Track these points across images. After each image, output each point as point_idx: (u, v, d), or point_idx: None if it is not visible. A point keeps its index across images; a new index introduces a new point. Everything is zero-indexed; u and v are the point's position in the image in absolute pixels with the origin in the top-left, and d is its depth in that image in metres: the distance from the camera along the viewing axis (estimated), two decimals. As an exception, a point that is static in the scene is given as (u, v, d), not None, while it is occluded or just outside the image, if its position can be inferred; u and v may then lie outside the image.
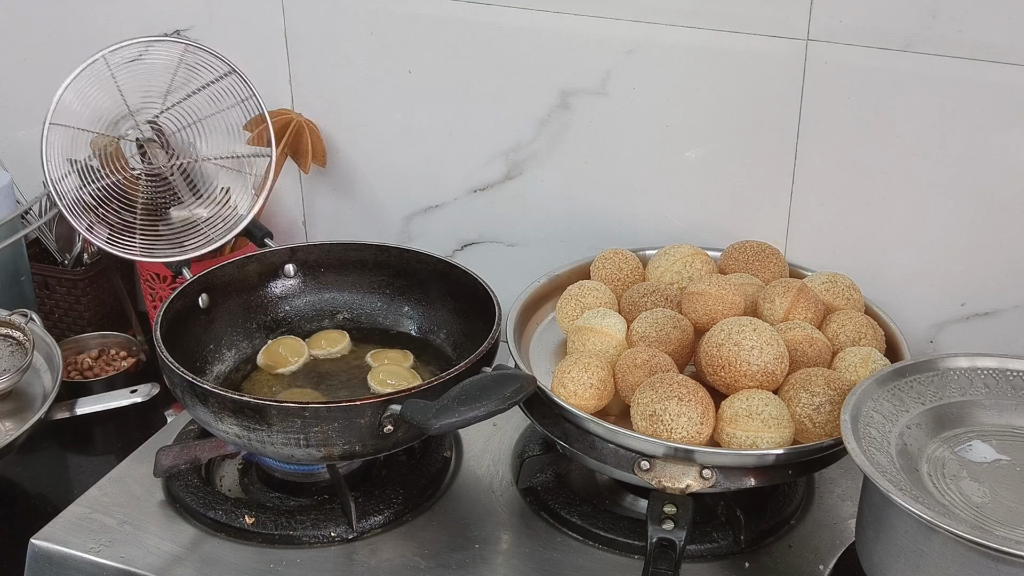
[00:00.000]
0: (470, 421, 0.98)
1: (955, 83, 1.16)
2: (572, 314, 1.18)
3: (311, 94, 1.48)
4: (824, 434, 1.02)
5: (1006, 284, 1.23)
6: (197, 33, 1.50)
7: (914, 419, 0.97)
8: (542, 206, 1.41)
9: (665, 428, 1.00)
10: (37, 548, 1.09)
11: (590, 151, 1.36)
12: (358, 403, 1.03)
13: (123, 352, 1.44)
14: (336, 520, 1.10)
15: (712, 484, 0.99)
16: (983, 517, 0.87)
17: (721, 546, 1.08)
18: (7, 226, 1.41)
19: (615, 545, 1.08)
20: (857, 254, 1.28)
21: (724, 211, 1.33)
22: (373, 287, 1.32)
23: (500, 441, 1.24)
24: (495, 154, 1.40)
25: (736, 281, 1.18)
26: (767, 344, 1.04)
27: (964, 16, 1.13)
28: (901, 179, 1.23)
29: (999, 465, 0.93)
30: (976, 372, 1.01)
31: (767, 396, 1.02)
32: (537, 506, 1.14)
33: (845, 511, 1.14)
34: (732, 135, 1.28)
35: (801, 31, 1.20)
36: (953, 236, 1.23)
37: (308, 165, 1.46)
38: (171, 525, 1.12)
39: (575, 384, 1.05)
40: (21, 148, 1.68)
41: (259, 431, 1.03)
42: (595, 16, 1.28)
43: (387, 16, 1.39)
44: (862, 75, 1.20)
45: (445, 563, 1.07)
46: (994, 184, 1.19)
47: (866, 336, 1.12)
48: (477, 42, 1.35)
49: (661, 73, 1.28)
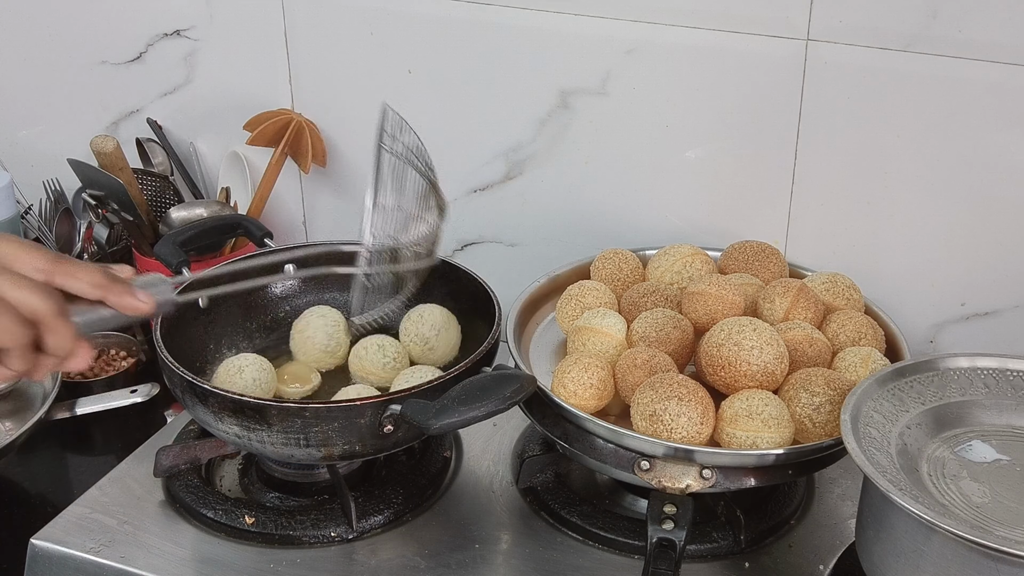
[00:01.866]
0: (470, 421, 0.98)
1: (955, 83, 1.16)
2: (572, 314, 1.18)
3: (311, 94, 1.48)
4: (824, 434, 1.02)
5: (1006, 284, 1.23)
6: (197, 33, 1.50)
7: (914, 419, 0.97)
8: (542, 206, 1.41)
9: (665, 428, 1.00)
10: (37, 548, 1.09)
11: (590, 151, 1.36)
12: (358, 403, 1.03)
13: (123, 352, 1.44)
14: (336, 520, 1.10)
15: (712, 484, 0.99)
16: (983, 517, 0.87)
17: (721, 546, 1.08)
18: (7, 226, 1.41)
19: (615, 545, 1.08)
20: (857, 254, 1.28)
21: (724, 211, 1.33)
22: (373, 287, 1.32)
23: (500, 441, 1.24)
24: (495, 154, 1.40)
25: (736, 281, 1.18)
26: (767, 344, 1.04)
27: (964, 16, 1.13)
28: (901, 179, 1.23)
29: (999, 465, 0.93)
30: (976, 372, 1.01)
31: (767, 396, 1.02)
32: (537, 506, 1.14)
33: (845, 511, 1.14)
34: (732, 135, 1.28)
35: (801, 31, 1.20)
36: (953, 236, 1.23)
37: (308, 165, 1.46)
38: (171, 525, 1.12)
39: (575, 384, 1.05)
40: (21, 148, 1.68)
41: (259, 431, 1.03)
42: (595, 16, 1.28)
43: (387, 16, 1.39)
44: (862, 75, 1.20)
45: (445, 563, 1.07)
46: (994, 184, 1.19)
47: (866, 336, 1.12)
48: (477, 42, 1.35)
49: (661, 73, 1.28)
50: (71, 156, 1.47)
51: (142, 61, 1.56)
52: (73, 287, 0.71)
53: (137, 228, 1.46)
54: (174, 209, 1.47)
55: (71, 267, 0.71)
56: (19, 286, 0.68)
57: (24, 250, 0.70)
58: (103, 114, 1.62)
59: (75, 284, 0.71)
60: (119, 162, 1.43)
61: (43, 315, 0.68)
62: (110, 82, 1.59)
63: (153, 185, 1.53)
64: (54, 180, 1.57)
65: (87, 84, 1.60)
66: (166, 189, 1.54)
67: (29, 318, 0.68)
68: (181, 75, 1.55)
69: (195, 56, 1.52)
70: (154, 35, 1.53)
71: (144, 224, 1.47)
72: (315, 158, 1.46)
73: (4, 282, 0.68)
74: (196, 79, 1.54)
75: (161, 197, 1.53)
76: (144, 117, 1.59)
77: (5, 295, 0.67)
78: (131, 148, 1.55)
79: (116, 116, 1.62)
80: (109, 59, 1.58)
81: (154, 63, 1.55)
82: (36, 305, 0.68)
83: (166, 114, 1.58)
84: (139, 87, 1.58)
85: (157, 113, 1.58)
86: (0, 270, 0.68)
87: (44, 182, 1.57)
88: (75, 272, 0.71)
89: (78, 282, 0.71)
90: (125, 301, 0.73)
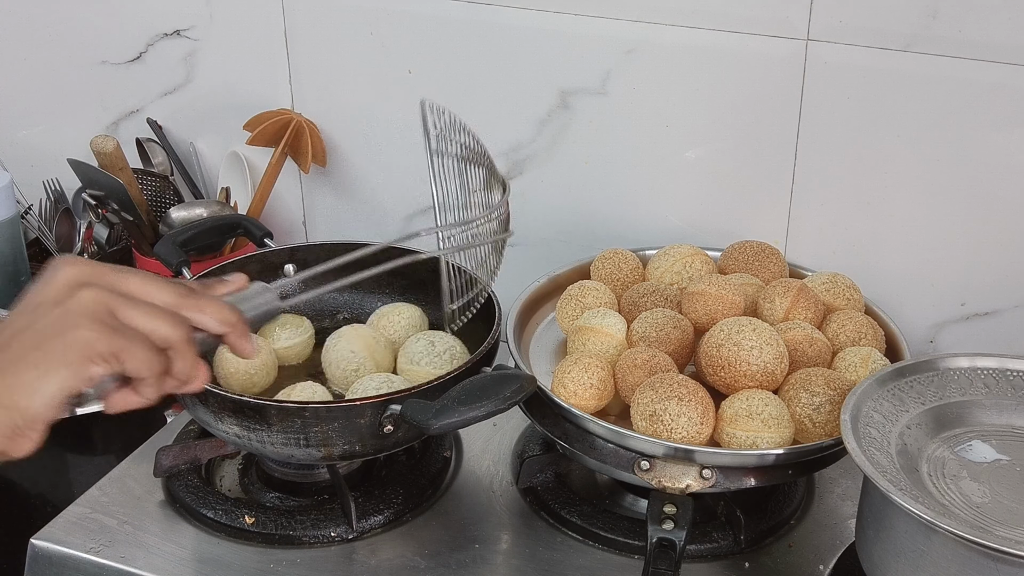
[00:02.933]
0: (470, 421, 0.98)
1: (955, 83, 1.16)
2: (572, 314, 1.18)
3: (311, 94, 1.48)
4: (824, 434, 1.02)
5: (1006, 284, 1.23)
6: (197, 33, 1.50)
7: (914, 419, 0.97)
8: (542, 206, 1.41)
9: (665, 428, 1.00)
10: (37, 548, 1.09)
11: (590, 151, 1.36)
12: (358, 403, 1.03)
13: (123, 352, 1.43)
14: (336, 520, 1.10)
15: (712, 484, 0.99)
16: (983, 517, 0.87)
17: (721, 546, 1.08)
18: (7, 226, 1.41)
19: (615, 545, 1.08)
20: (857, 254, 1.28)
21: (724, 211, 1.33)
22: (373, 287, 1.32)
23: (500, 441, 1.24)
24: (495, 154, 1.39)
25: (736, 281, 1.18)
26: (767, 344, 1.04)
27: (964, 16, 1.13)
28: (901, 179, 1.23)
29: (999, 465, 0.93)
30: (976, 372, 1.01)
31: (767, 396, 1.02)
32: (537, 506, 1.14)
33: (845, 511, 1.14)
34: (732, 135, 1.28)
35: (801, 31, 1.20)
36: (953, 236, 1.23)
37: (308, 165, 1.46)
38: (171, 525, 1.12)
39: (575, 384, 1.05)
40: (21, 148, 1.68)
41: (259, 431, 1.03)
42: (595, 16, 1.28)
43: (387, 16, 1.39)
44: (862, 75, 1.20)
45: (445, 563, 1.07)
46: (994, 184, 1.19)
47: (867, 336, 1.12)
48: (477, 42, 1.35)
49: (661, 73, 1.28)
50: (71, 156, 1.47)
51: (142, 61, 1.56)
52: (199, 322, 0.73)
53: (137, 228, 1.46)
54: (174, 209, 1.47)
55: (200, 301, 0.73)
56: (153, 317, 0.70)
57: (155, 285, 0.72)
58: (103, 114, 1.62)
59: (202, 319, 0.73)
60: (119, 162, 1.43)
61: (174, 343, 0.71)
62: (110, 82, 1.59)
63: (153, 185, 1.53)
64: (54, 180, 1.57)
65: (87, 84, 1.60)
66: (166, 189, 1.54)
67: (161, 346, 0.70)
68: (181, 75, 1.55)
69: (195, 56, 1.52)
70: (154, 35, 1.53)
71: (144, 224, 1.47)
72: (315, 158, 1.46)
73: (139, 315, 0.70)
74: (196, 79, 1.54)
75: (161, 197, 1.53)
76: (144, 117, 1.59)
77: (141, 326, 0.69)
78: (131, 148, 1.55)
79: (116, 116, 1.62)
80: (109, 59, 1.58)
81: (154, 63, 1.55)
82: (168, 334, 0.70)
83: (166, 114, 1.58)
84: (139, 87, 1.58)
85: (157, 113, 1.58)
86: (134, 303, 0.70)
87: (44, 182, 1.57)
88: (203, 307, 0.73)
89: (205, 317, 0.73)
90: (242, 346, 0.75)
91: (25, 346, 0.68)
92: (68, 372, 0.67)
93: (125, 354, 0.68)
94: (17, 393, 0.66)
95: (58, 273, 0.71)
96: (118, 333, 0.68)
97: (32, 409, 0.66)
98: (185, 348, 0.71)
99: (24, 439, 0.67)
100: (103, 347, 0.68)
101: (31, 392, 0.66)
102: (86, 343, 0.67)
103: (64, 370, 0.67)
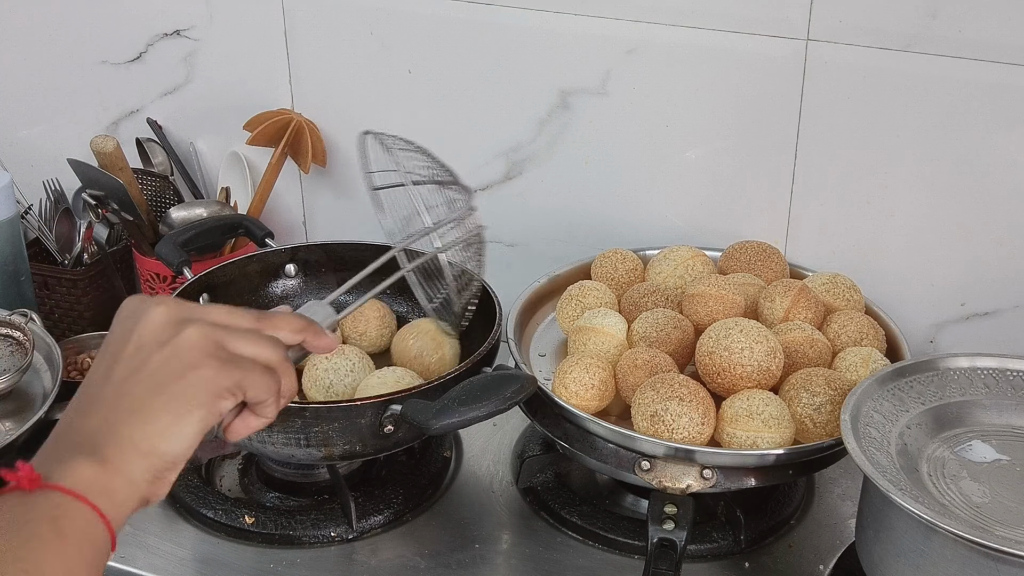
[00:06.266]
0: (470, 421, 0.98)
1: (955, 83, 1.16)
2: (572, 314, 1.18)
3: (311, 94, 1.48)
4: (824, 434, 1.02)
5: (1006, 284, 1.23)
6: (197, 33, 1.50)
7: (914, 419, 0.97)
8: (542, 206, 1.41)
9: (666, 428, 1.00)
10: (37, 548, 1.09)
11: (590, 151, 1.36)
12: (358, 403, 1.03)
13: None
14: (336, 520, 1.10)
15: (712, 484, 0.99)
16: (983, 517, 0.87)
17: (721, 546, 1.08)
18: (7, 226, 1.41)
19: (615, 545, 1.09)
20: (857, 254, 1.28)
21: (724, 211, 1.33)
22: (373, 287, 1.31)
23: (500, 441, 1.24)
24: (495, 154, 1.40)
25: (736, 281, 1.18)
26: (756, 342, 1.03)
27: (964, 16, 1.13)
28: (901, 179, 1.23)
29: (999, 465, 0.93)
30: (976, 372, 1.01)
31: (767, 396, 1.02)
32: (537, 506, 1.14)
33: (845, 511, 1.14)
34: (732, 135, 1.28)
35: (801, 31, 1.20)
36: (953, 236, 1.23)
37: (308, 165, 1.46)
38: (171, 525, 1.12)
39: (576, 384, 1.05)
40: (21, 148, 1.68)
41: (259, 431, 1.03)
42: (595, 16, 1.28)
43: (387, 16, 1.39)
44: (862, 75, 1.20)
45: (445, 563, 1.07)
46: (994, 184, 1.19)
47: (867, 336, 1.12)
48: (477, 42, 1.35)
49: (661, 73, 1.28)
50: (71, 156, 1.47)
51: (142, 61, 1.56)
52: (279, 336, 0.75)
53: (137, 228, 1.46)
54: (174, 209, 1.47)
55: (272, 320, 0.75)
56: (255, 342, 0.72)
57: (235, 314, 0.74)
58: (103, 114, 1.62)
59: (280, 333, 0.75)
60: (119, 162, 1.43)
61: (277, 363, 0.72)
62: (110, 82, 1.59)
63: (153, 185, 1.53)
64: (54, 180, 1.57)
65: (87, 84, 1.60)
66: (166, 189, 1.54)
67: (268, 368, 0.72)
68: (181, 75, 1.55)
69: (195, 56, 1.52)
70: (154, 35, 1.53)
71: (144, 224, 1.47)
72: (315, 158, 1.46)
73: (245, 343, 0.71)
74: (196, 79, 1.54)
75: (161, 197, 1.53)
76: (144, 117, 1.59)
77: (249, 354, 0.71)
78: (131, 148, 1.55)
79: (116, 116, 1.61)
80: (109, 59, 1.58)
81: (154, 63, 1.55)
82: (271, 356, 0.72)
83: (166, 114, 1.58)
84: (139, 87, 1.58)
85: (157, 113, 1.58)
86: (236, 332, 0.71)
87: (44, 182, 1.56)
88: (277, 323, 0.75)
89: (282, 331, 0.75)
90: (322, 342, 0.78)
91: (146, 390, 0.68)
92: (203, 412, 0.68)
93: (246, 383, 0.69)
94: (156, 439, 0.66)
95: (150, 313, 0.70)
96: (233, 364, 0.69)
97: (172, 453, 0.67)
98: (286, 365, 0.73)
99: (164, 483, 0.68)
100: (226, 381, 0.69)
101: (170, 437, 0.67)
102: (210, 380, 0.68)
103: (198, 411, 0.67)
